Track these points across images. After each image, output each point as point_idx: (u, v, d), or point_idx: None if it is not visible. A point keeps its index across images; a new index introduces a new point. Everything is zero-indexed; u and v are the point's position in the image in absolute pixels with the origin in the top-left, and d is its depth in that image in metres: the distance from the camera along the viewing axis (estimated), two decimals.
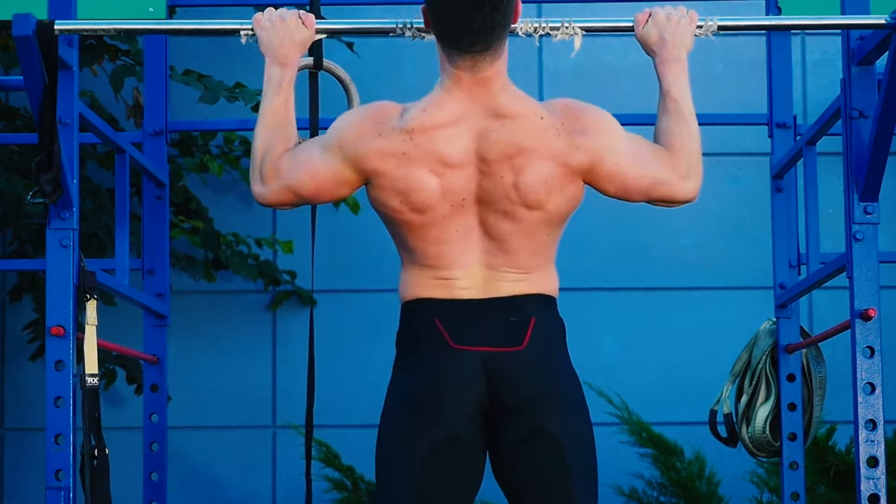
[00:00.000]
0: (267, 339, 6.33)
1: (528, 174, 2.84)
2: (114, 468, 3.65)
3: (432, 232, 2.86)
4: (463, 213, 2.86)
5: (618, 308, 6.30)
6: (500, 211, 2.86)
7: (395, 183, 2.85)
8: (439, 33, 2.85)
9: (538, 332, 2.87)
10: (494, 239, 2.87)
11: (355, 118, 2.91)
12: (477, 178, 2.85)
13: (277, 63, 3.05)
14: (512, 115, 2.87)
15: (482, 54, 2.84)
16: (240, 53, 4.90)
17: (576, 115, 2.91)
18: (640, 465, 5.83)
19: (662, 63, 3.06)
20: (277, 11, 3.09)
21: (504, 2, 2.80)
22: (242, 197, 6.34)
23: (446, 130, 2.85)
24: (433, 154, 2.84)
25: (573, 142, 2.87)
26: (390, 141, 2.85)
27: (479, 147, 2.85)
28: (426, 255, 2.88)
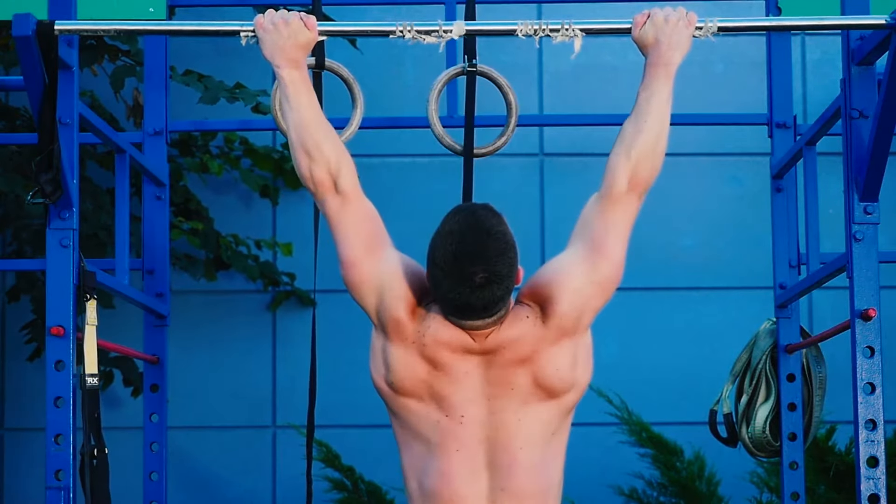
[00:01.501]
0: (267, 340, 6.33)
1: (544, 372, 2.85)
2: (114, 468, 3.65)
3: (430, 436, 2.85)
4: (463, 432, 2.84)
5: (617, 308, 6.27)
6: (512, 422, 2.85)
7: (391, 354, 2.89)
8: (439, 305, 2.84)
9: None
10: (499, 469, 2.85)
11: (414, 282, 2.89)
12: (485, 403, 2.86)
13: (290, 66, 3.02)
14: (510, 340, 2.86)
15: (484, 321, 2.84)
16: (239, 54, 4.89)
17: (539, 291, 2.88)
18: (640, 465, 5.83)
19: (650, 65, 3.04)
20: (279, 14, 3.08)
21: (504, 286, 2.79)
22: (243, 197, 6.34)
23: (453, 353, 2.86)
24: (435, 361, 2.85)
25: (556, 317, 2.87)
26: (412, 326, 2.87)
27: (485, 374, 2.86)
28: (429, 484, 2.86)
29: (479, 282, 2.75)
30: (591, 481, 5.90)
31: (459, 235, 2.77)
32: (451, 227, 2.79)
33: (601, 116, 5.58)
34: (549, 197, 6.34)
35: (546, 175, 6.36)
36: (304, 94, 2.98)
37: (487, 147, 3.59)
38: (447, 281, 2.77)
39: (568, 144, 6.27)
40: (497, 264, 2.76)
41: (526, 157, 6.36)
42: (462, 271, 2.75)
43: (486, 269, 2.75)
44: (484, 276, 2.75)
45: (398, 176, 6.32)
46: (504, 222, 2.82)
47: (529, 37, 3.25)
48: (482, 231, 2.77)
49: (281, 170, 6.20)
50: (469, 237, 2.76)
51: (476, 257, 2.75)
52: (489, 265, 2.75)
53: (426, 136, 3.72)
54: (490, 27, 3.32)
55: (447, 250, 2.76)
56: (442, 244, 2.78)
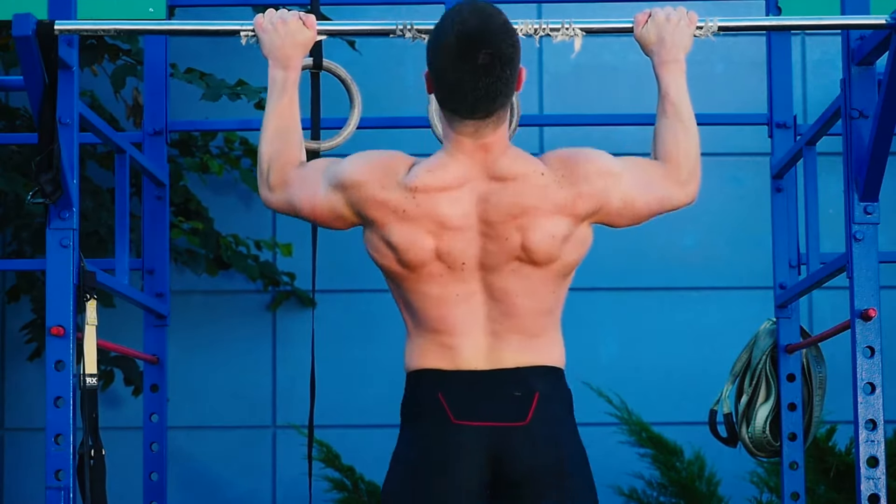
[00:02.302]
0: (267, 340, 6.33)
1: (536, 232, 2.83)
2: (114, 468, 3.65)
3: (432, 290, 2.85)
4: (464, 277, 2.84)
5: (618, 308, 6.30)
6: (505, 272, 2.84)
7: (389, 236, 2.85)
8: (441, 99, 2.83)
9: (542, 407, 2.83)
10: (499, 301, 2.85)
11: (365, 164, 2.90)
12: (479, 241, 2.84)
13: (280, 66, 3.04)
14: (512, 176, 2.85)
15: (484, 121, 2.82)
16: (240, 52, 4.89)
17: (574, 164, 2.89)
18: (640, 465, 5.83)
19: (661, 64, 3.05)
20: (278, 13, 3.09)
21: (507, 71, 2.78)
22: (243, 197, 6.34)
23: (449, 193, 2.84)
24: (432, 216, 2.83)
25: (576, 190, 2.86)
26: (392, 195, 2.85)
27: (481, 211, 2.83)
28: (428, 317, 2.86)
29: (482, 61, 2.74)
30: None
31: (462, 19, 2.77)
32: (453, 16, 2.79)
33: (601, 116, 5.59)
34: None
35: None
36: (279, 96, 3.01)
37: None
38: (451, 65, 2.76)
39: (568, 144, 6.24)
40: (501, 44, 2.76)
41: None
42: (467, 51, 2.75)
43: (490, 47, 2.75)
44: (488, 53, 2.74)
45: None
46: (504, 14, 2.82)
47: (529, 36, 3.25)
48: (484, 15, 2.77)
49: None
50: (472, 20, 2.76)
51: (480, 39, 2.75)
52: (493, 44, 2.75)
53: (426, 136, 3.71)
54: None
55: (451, 34, 2.76)
56: (444, 31, 2.78)
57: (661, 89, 3.03)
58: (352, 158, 2.91)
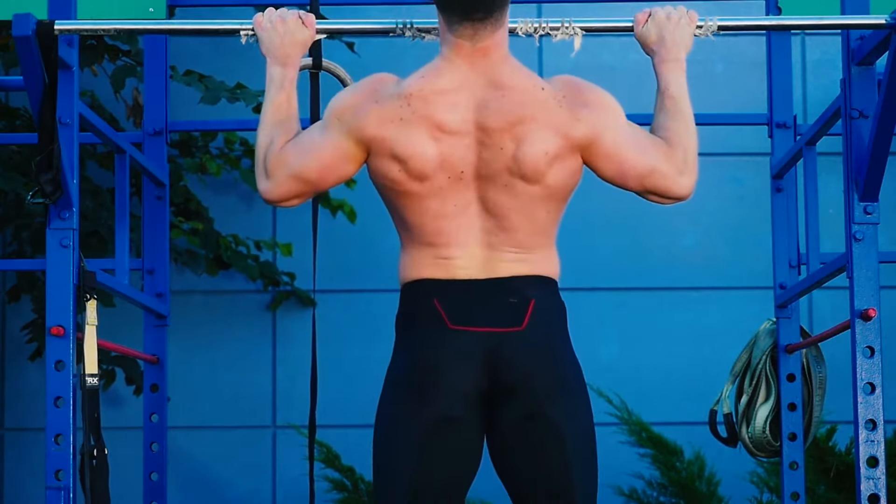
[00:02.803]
0: (267, 340, 6.33)
1: (529, 144, 2.83)
2: (114, 468, 3.64)
3: (431, 205, 2.85)
4: (461, 186, 2.85)
5: (618, 308, 6.30)
6: (499, 185, 2.84)
7: (393, 148, 2.84)
8: (442, 3, 2.85)
9: (538, 314, 2.85)
10: (494, 216, 2.86)
11: (350, 91, 2.92)
12: (476, 149, 2.84)
13: (278, 63, 3.05)
14: (512, 85, 2.85)
15: (483, 22, 2.83)
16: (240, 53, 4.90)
17: (578, 90, 2.89)
18: (640, 465, 5.83)
19: (661, 62, 3.06)
20: (278, 12, 3.10)
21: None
22: (243, 197, 6.34)
23: (445, 97, 2.85)
24: (430, 119, 2.83)
25: (575, 114, 2.86)
26: (387, 106, 2.85)
27: (478, 117, 2.84)
28: (425, 231, 2.86)
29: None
30: None
31: None
32: None
33: None
34: None
35: None
36: (276, 93, 3.01)
37: None
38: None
39: None
40: None
41: None
42: None
43: None
44: None
45: None
46: None
47: (529, 35, 3.25)
48: None
49: None
50: None
51: None
52: None
53: None
54: None
55: None
56: None
57: (661, 85, 3.04)
58: (338, 96, 2.92)
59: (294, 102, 3.03)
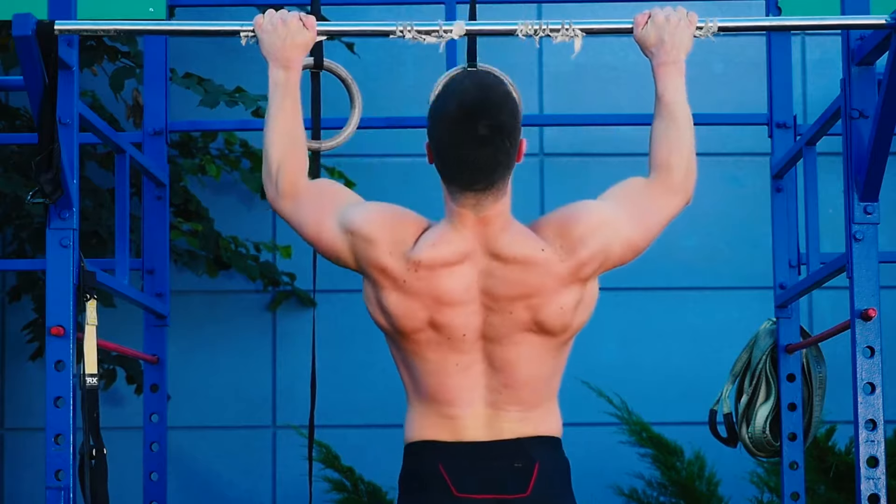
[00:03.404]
0: (267, 340, 6.33)
1: (547, 310, 2.81)
2: (114, 468, 3.64)
3: (430, 358, 2.84)
4: (464, 348, 2.83)
5: (618, 308, 6.30)
6: (509, 343, 2.83)
7: (385, 301, 2.84)
8: (442, 170, 2.80)
9: (543, 478, 2.83)
10: (500, 371, 2.84)
11: (381, 223, 2.86)
12: (482, 313, 2.82)
13: (281, 66, 3.03)
14: (514, 255, 2.81)
15: (484, 193, 2.80)
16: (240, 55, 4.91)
17: (568, 231, 2.84)
18: (640, 465, 5.83)
19: (659, 65, 3.04)
20: (278, 14, 3.08)
21: (507, 143, 2.76)
22: (243, 198, 6.34)
23: (451, 269, 2.81)
24: (433, 292, 2.81)
25: (576, 257, 2.83)
26: (397, 263, 2.83)
27: (484, 285, 2.82)
28: (428, 385, 2.85)
29: (482, 133, 2.73)
30: (591, 481, 5.90)
31: (462, 91, 2.75)
32: (454, 86, 2.77)
33: (601, 116, 5.59)
34: (549, 197, 6.34)
35: (546, 175, 6.36)
36: (281, 97, 2.99)
37: None
38: (449, 137, 2.74)
39: (568, 144, 6.27)
40: (501, 115, 2.74)
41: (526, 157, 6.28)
42: (466, 124, 2.72)
43: (490, 120, 2.73)
44: (487, 124, 2.73)
45: (398, 176, 6.31)
46: (507, 83, 2.82)
47: (530, 37, 3.25)
48: (485, 85, 2.75)
49: None
50: (472, 91, 2.74)
51: (480, 110, 2.73)
52: (493, 117, 2.73)
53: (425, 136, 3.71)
54: (490, 27, 3.32)
55: (450, 105, 2.74)
56: (444, 102, 2.76)
57: (658, 91, 3.02)
58: (369, 209, 2.88)
59: (299, 108, 3.01)
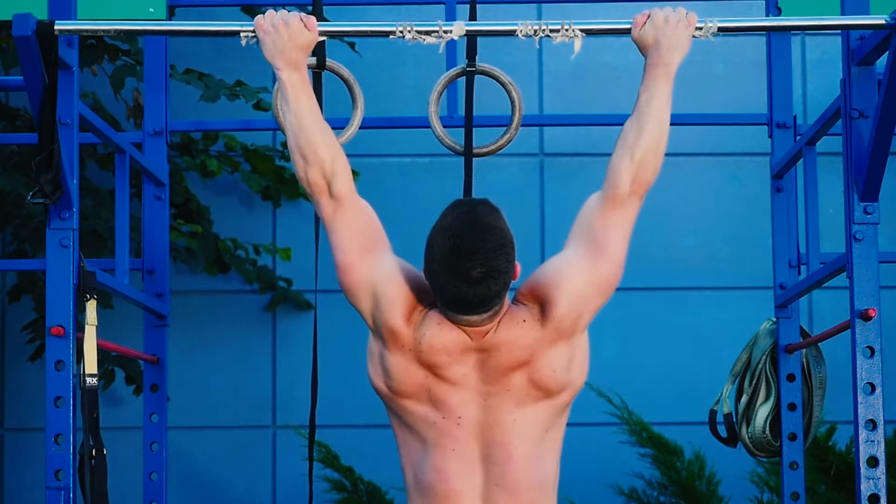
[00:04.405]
0: (267, 340, 6.33)
1: (540, 372, 2.86)
2: (114, 468, 3.64)
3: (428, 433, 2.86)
4: (460, 434, 2.86)
5: (618, 308, 6.28)
6: (506, 425, 2.86)
7: (388, 361, 2.89)
8: (436, 298, 2.85)
9: None
10: (496, 464, 2.86)
11: (406, 288, 2.90)
12: (479, 400, 2.87)
13: (290, 67, 3.02)
14: (504, 342, 2.86)
15: (479, 317, 2.85)
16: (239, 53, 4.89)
17: (540, 291, 2.88)
18: (640, 465, 5.83)
19: (649, 66, 3.04)
20: (279, 14, 3.08)
21: (501, 281, 2.80)
22: (243, 199, 6.34)
23: (449, 357, 2.86)
24: (433, 369, 2.86)
25: (553, 319, 2.87)
26: (408, 333, 2.88)
27: (479, 375, 2.87)
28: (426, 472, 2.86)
29: (476, 276, 2.76)
30: (591, 481, 5.90)
31: (457, 230, 2.78)
32: (449, 222, 2.80)
33: (601, 116, 5.58)
34: (549, 197, 6.34)
35: (546, 175, 6.36)
36: (302, 96, 2.98)
37: (489, 146, 3.59)
38: (444, 276, 2.78)
39: (568, 144, 6.27)
40: (494, 260, 2.77)
41: (526, 157, 6.36)
42: (459, 266, 2.76)
43: (483, 264, 2.76)
44: (481, 271, 2.76)
45: (398, 176, 6.32)
46: (502, 218, 2.83)
47: (529, 37, 3.25)
48: (480, 227, 2.78)
49: (281, 178, 6.19)
50: (466, 232, 2.77)
51: (473, 253, 2.76)
52: (486, 261, 2.76)
53: (426, 136, 3.72)
54: (490, 27, 3.32)
55: (445, 245, 2.77)
56: (439, 240, 2.79)
57: (640, 87, 3.02)
58: (400, 272, 2.90)
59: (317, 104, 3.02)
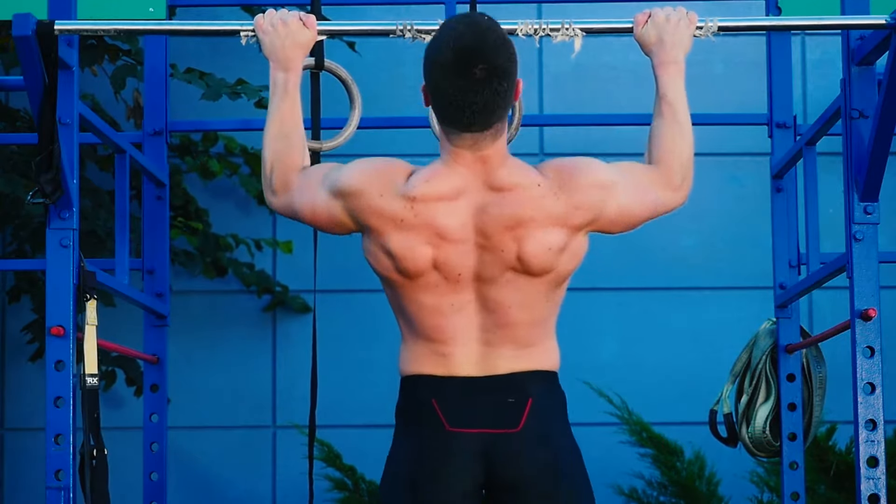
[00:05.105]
0: (267, 339, 6.33)
1: (532, 243, 2.84)
2: (114, 468, 3.64)
3: (427, 301, 2.86)
4: (459, 287, 2.85)
5: (618, 308, 6.30)
6: (500, 283, 2.85)
7: (387, 245, 2.86)
8: (439, 112, 2.84)
9: (535, 413, 2.86)
10: (493, 312, 2.87)
11: (364, 173, 2.89)
12: (476, 253, 2.85)
13: (282, 67, 3.05)
14: (509, 187, 2.86)
15: (482, 133, 2.83)
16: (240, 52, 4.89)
17: (570, 176, 2.88)
18: (640, 465, 5.83)
19: (660, 65, 3.06)
20: (278, 14, 3.09)
21: (504, 84, 2.78)
22: (241, 202, 6.34)
23: (447, 204, 2.85)
24: (431, 226, 2.84)
25: (573, 202, 2.86)
26: (391, 204, 2.85)
27: (478, 222, 2.85)
28: (422, 326, 2.88)
29: (479, 76, 2.75)
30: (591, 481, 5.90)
31: (458, 34, 2.77)
32: (448, 31, 2.80)
33: (601, 116, 5.58)
34: None
35: None
36: (281, 100, 3.01)
37: None
38: (446, 81, 2.77)
39: (568, 144, 6.26)
40: (496, 57, 2.77)
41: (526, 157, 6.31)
42: (463, 66, 2.75)
43: (485, 62, 2.75)
44: (484, 68, 2.75)
45: None
46: (501, 27, 2.83)
47: (529, 36, 3.25)
48: (480, 28, 2.78)
49: None
50: (468, 35, 2.77)
51: (476, 52, 2.76)
52: (489, 59, 2.76)
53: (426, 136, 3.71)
54: None
55: (446, 50, 2.77)
56: (440, 46, 2.78)
57: (659, 90, 3.04)
58: (351, 166, 2.91)
59: (298, 110, 3.03)
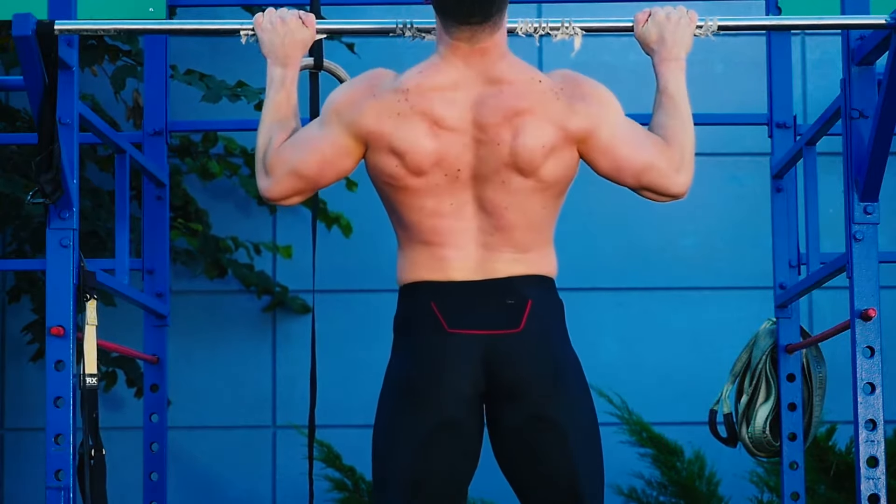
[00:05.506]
0: (267, 339, 6.33)
1: (525, 136, 2.83)
2: (114, 468, 3.64)
3: (428, 203, 2.86)
4: (458, 186, 2.86)
5: (618, 308, 6.30)
6: (496, 182, 2.85)
7: (391, 142, 2.85)
8: (438, 4, 2.85)
9: (535, 315, 2.86)
10: (490, 215, 2.87)
11: (348, 86, 2.93)
12: (473, 147, 2.85)
13: (279, 63, 3.06)
14: (509, 79, 2.87)
15: (481, 25, 2.84)
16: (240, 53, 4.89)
17: (576, 83, 2.91)
18: (640, 465, 5.83)
19: (661, 62, 3.07)
20: (278, 12, 3.11)
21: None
22: (242, 202, 6.34)
23: (442, 94, 2.86)
24: (428, 114, 2.84)
25: (572, 106, 2.87)
26: (385, 101, 2.86)
27: (475, 114, 2.85)
28: (421, 229, 2.87)
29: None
30: None
31: None
32: None
33: None
34: None
35: None
36: (276, 93, 3.02)
37: None
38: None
39: None
40: None
41: None
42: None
43: None
44: None
45: None
46: None
47: (529, 35, 3.25)
48: None
49: None
50: None
51: None
52: None
53: None
54: None
55: None
56: None
57: (660, 85, 3.04)
58: (334, 94, 2.93)
59: (294, 101, 3.04)
